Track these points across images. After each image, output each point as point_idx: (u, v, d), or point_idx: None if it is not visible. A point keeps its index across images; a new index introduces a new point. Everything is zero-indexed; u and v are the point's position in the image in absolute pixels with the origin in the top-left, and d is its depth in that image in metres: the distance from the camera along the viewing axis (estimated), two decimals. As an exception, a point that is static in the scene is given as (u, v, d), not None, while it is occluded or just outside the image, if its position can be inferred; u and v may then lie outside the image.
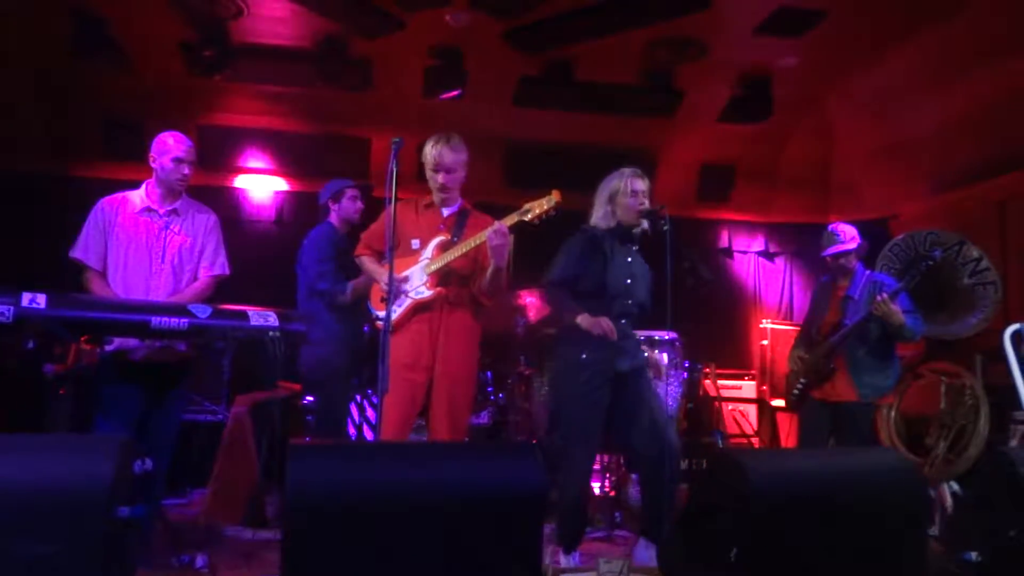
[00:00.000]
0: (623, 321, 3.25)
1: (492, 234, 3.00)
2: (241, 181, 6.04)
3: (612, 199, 3.34)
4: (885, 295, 3.54)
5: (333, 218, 4.05)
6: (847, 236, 3.83)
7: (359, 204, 4.08)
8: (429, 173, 3.28)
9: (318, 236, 3.97)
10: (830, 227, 3.90)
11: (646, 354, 3.41)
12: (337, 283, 3.84)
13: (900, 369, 3.95)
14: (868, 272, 3.88)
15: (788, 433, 5.64)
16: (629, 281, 3.28)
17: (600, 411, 3.24)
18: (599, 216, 3.37)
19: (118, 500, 1.67)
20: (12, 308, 2.36)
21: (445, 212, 3.34)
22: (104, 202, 3.17)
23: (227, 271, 3.32)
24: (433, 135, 3.28)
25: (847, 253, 3.80)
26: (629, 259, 3.34)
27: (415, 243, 3.28)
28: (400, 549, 1.80)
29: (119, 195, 3.20)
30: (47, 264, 3.52)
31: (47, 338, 2.49)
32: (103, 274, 3.11)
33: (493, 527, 1.87)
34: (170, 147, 3.16)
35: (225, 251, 3.34)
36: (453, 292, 3.24)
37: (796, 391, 3.87)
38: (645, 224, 3.30)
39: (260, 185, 6.07)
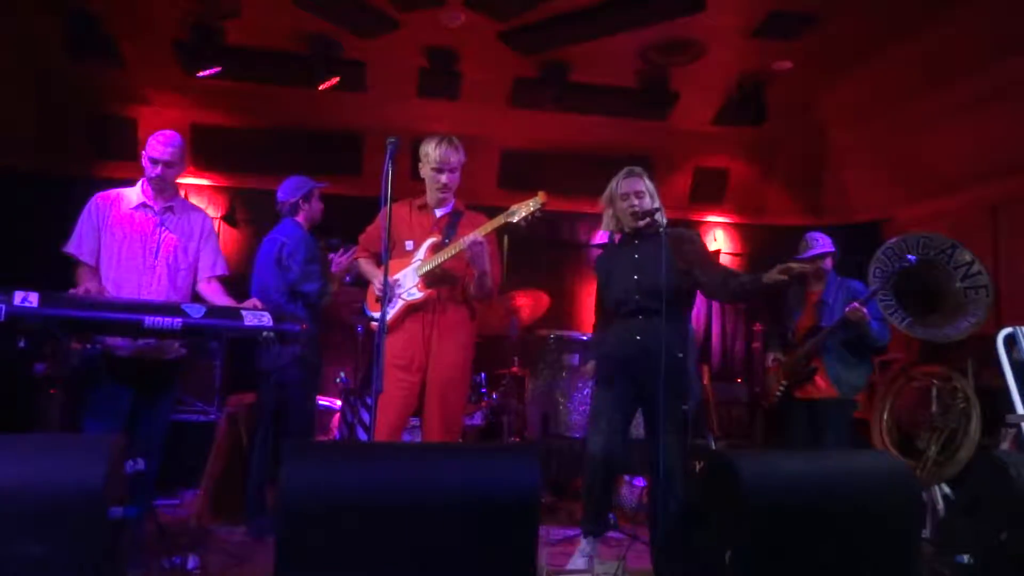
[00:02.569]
0: (639, 317, 3.22)
1: (468, 244, 3.06)
2: (234, 180, 6.02)
3: (611, 203, 3.38)
4: (856, 304, 3.77)
5: (301, 218, 3.93)
6: (823, 242, 4.11)
7: (322, 205, 4.03)
8: (431, 173, 3.29)
9: (300, 237, 3.85)
10: (807, 235, 4.18)
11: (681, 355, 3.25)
12: (323, 284, 3.80)
13: (871, 369, 4.17)
14: (839, 278, 4.11)
15: (778, 435, 5.66)
16: (636, 277, 3.26)
17: (616, 412, 3.25)
18: (604, 222, 3.44)
19: (110, 500, 1.66)
20: (4, 307, 2.35)
21: (438, 213, 3.36)
22: (99, 197, 3.16)
23: (226, 271, 3.34)
24: (432, 136, 3.30)
25: (823, 255, 4.06)
26: (636, 255, 3.31)
27: (409, 244, 3.31)
28: (394, 550, 1.80)
29: (114, 191, 3.21)
30: (38, 263, 3.50)
31: (38, 337, 2.48)
32: (95, 269, 3.10)
33: (487, 528, 1.87)
34: (150, 146, 3.16)
35: (221, 252, 3.36)
36: (446, 293, 3.25)
37: (779, 393, 4.05)
38: (642, 223, 3.28)
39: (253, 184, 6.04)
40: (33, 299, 2.41)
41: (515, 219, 3.11)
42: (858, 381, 4.00)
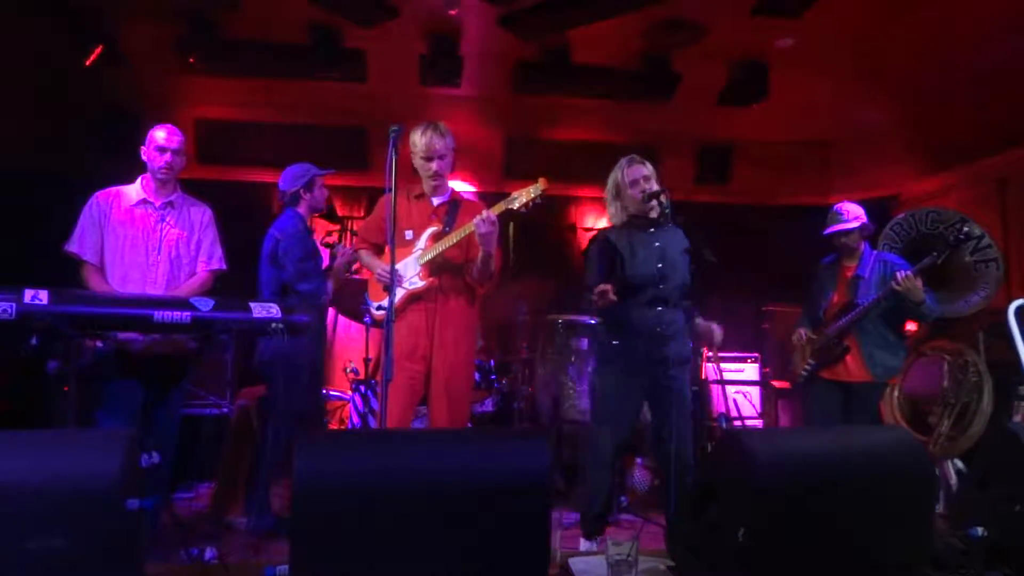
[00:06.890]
0: (659, 308, 3.21)
1: (480, 222, 3.03)
2: (239, 174, 6.02)
3: (618, 194, 3.36)
4: (908, 272, 3.46)
5: (303, 208, 3.79)
6: (850, 215, 3.77)
7: (326, 192, 3.91)
8: (421, 162, 3.29)
9: (295, 231, 3.68)
10: (835, 206, 3.85)
11: (691, 344, 3.28)
12: (320, 282, 3.66)
13: (907, 350, 3.93)
14: (875, 252, 3.84)
15: (791, 415, 5.65)
16: (660, 265, 3.24)
17: (629, 400, 3.27)
18: (612, 214, 3.40)
19: (127, 493, 1.67)
20: (14, 305, 2.36)
21: (436, 201, 3.36)
22: (98, 195, 3.17)
23: (224, 266, 3.34)
24: (419, 125, 3.28)
25: (847, 232, 3.75)
26: (657, 243, 3.29)
27: (408, 234, 3.30)
28: (408, 536, 1.81)
29: (113, 189, 3.21)
30: (47, 261, 3.51)
31: (50, 335, 2.49)
32: (100, 268, 3.11)
33: (499, 512, 1.87)
34: (154, 137, 3.18)
35: (221, 245, 3.35)
36: (447, 282, 3.26)
37: (805, 372, 3.81)
38: (656, 208, 3.25)
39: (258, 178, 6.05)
40: (43, 297, 2.42)
41: (515, 205, 3.10)
42: (896, 363, 3.71)
